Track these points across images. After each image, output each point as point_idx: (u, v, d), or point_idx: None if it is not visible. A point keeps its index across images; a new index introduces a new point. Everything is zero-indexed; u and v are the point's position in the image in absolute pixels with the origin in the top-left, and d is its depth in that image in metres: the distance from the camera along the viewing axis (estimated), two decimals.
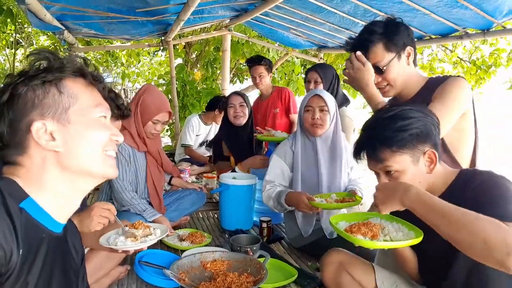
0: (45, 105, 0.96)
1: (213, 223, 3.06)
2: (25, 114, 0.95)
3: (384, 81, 1.79)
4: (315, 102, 2.39)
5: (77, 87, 1.01)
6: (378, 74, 1.78)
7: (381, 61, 1.75)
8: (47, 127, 0.96)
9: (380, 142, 1.36)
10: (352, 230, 1.39)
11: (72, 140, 0.98)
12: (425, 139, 1.35)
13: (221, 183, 2.83)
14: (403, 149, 1.34)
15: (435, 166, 1.36)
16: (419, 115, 1.36)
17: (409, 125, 1.34)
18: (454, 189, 1.35)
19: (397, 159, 1.35)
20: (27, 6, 2.61)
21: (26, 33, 9.20)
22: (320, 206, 2.15)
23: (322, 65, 3.42)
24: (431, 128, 1.36)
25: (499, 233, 1.05)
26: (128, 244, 1.52)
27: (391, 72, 1.76)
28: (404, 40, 1.75)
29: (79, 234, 1.24)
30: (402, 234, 1.37)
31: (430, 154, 1.35)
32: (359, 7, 3.18)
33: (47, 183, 0.98)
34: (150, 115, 2.56)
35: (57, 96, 0.97)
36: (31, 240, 0.93)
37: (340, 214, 1.63)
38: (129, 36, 4.91)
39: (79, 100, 1.00)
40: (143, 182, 2.68)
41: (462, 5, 2.67)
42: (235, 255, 2.07)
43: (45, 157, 0.97)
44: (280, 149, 2.55)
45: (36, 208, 0.97)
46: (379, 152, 1.36)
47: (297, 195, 2.26)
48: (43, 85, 0.96)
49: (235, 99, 3.32)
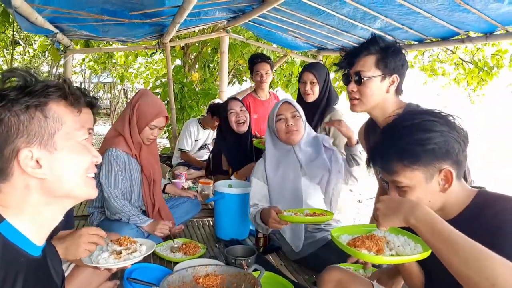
0: (31, 131, 0.92)
1: (208, 232, 2.99)
2: (9, 141, 0.90)
3: (357, 93, 1.78)
4: (286, 109, 2.36)
5: (61, 110, 0.97)
6: (355, 83, 1.78)
7: (365, 71, 1.74)
8: (34, 154, 0.92)
9: (393, 153, 1.24)
10: (356, 244, 1.30)
11: (57, 167, 0.95)
12: (443, 156, 1.20)
13: (216, 191, 2.77)
14: (415, 164, 1.21)
15: (450, 185, 1.22)
16: (442, 129, 1.21)
17: (428, 140, 1.20)
18: (468, 214, 1.23)
19: (408, 174, 1.22)
20: (16, 9, 2.54)
21: (24, 33, 9.15)
22: (289, 219, 2.09)
23: (316, 65, 3.34)
24: (454, 145, 1.21)
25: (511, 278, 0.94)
26: (110, 262, 1.45)
27: (369, 87, 1.75)
28: (395, 66, 1.74)
29: (58, 255, 1.20)
30: (410, 247, 1.28)
31: (446, 172, 1.21)
32: (358, 9, 3.11)
33: (26, 207, 0.95)
34: (147, 120, 2.53)
35: (43, 121, 0.93)
36: (9, 264, 0.90)
37: (341, 227, 1.55)
38: (125, 38, 4.84)
39: (64, 124, 0.96)
40: (138, 188, 2.64)
41: (465, 9, 2.60)
42: (229, 269, 2.00)
43: (28, 184, 0.93)
44: (256, 170, 2.49)
45: (13, 231, 0.94)
46: (389, 163, 1.25)
47: (267, 210, 2.21)
48: (27, 110, 0.91)
49: (235, 105, 3.23)
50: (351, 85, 1.79)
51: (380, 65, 1.73)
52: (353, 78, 1.79)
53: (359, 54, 1.76)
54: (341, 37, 4.10)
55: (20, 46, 9.75)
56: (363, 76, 1.74)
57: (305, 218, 2.12)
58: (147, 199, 2.67)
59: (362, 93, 1.76)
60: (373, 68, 1.74)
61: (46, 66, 11.77)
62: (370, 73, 1.73)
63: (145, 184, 2.66)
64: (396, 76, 1.76)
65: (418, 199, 1.22)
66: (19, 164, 0.91)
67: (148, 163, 2.66)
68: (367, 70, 1.74)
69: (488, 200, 1.21)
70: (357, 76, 1.75)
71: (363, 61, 1.75)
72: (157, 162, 2.81)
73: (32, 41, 9.73)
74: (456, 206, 1.26)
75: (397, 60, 1.75)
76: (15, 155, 0.91)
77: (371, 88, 1.74)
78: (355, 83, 1.77)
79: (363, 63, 1.75)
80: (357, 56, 1.77)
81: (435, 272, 1.35)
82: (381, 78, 1.74)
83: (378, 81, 1.74)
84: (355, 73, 1.77)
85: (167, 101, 5.84)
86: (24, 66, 10.15)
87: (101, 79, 15.85)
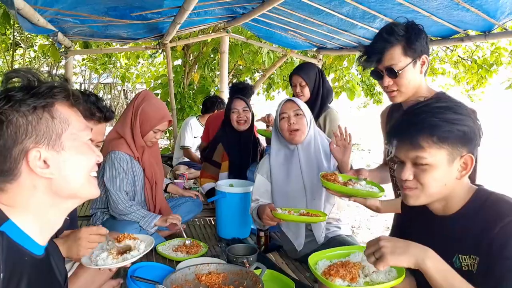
0: (39, 132, 0.93)
1: (210, 231, 3.00)
2: (18, 142, 0.92)
3: (394, 85, 1.73)
4: (289, 107, 2.36)
5: (66, 111, 0.99)
6: (390, 77, 1.71)
7: (396, 64, 1.68)
8: (42, 154, 0.93)
9: (425, 126, 1.21)
10: (331, 273, 1.31)
11: (64, 166, 0.97)
12: (468, 143, 1.21)
13: (218, 191, 2.78)
14: (444, 143, 1.20)
15: (468, 173, 1.24)
16: (470, 116, 1.24)
17: (460, 121, 1.20)
18: (467, 211, 1.25)
19: (434, 151, 1.20)
20: (19, 11, 2.55)
21: (25, 35, 9.16)
22: (282, 217, 2.12)
23: (303, 66, 3.28)
24: (476, 133, 1.23)
25: None
26: (109, 262, 1.47)
27: (405, 77, 1.69)
28: (422, 47, 1.69)
29: (61, 254, 1.22)
30: (384, 272, 1.28)
31: (467, 158, 1.22)
32: (357, 9, 3.12)
33: (31, 206, 0.96)
34: (151, 125, 2.53)
35: (50, 122, 0.95)
36: (13, 264, 0.90)
37: (322, 251, 1.55)
38: (126, 35, 4.84)
39: (70, 124, 0.98)
40: (141, 189, 2.65)
41: (463, 7, 2.62)
42: (231, 267, 2.02)
43: (36, 184, 0.95)
44: (261, 166, 2.51)
45: (17, 231, 0.95)
46: (419, 136, 1.21)
47: (263, 207, 2.24)
48: (35, 111, 0.93)
49: (238, 104, 3.27)
50: (386, 80, 1.72)
51: (409, 52, 1.68)
52: (385, 73, 1.72)
53: (383, 49, 1.69)
54: (340, 36, 4.11)
55: (21, 48, 9.75)
56: (396, 69, 1.68)
57: (298, 217, 2.15)
58: (149, 201, 2.68)
59: (399, 84, 1.71)
60: (402, 57, 1.67)
61: (46, 67, 11.78)
62: (401, 64, 1.67)
63: (147, 186, 2.66)
64: (426, 56, 1.71)
65: (435, 180, 1.22)
66: (28, 164, 0.92)
67: (150, 165, 2.67)
68: (398, 62, 1.67)
69: (486, 197, 1.23)
70: (390, 71, 1.69)
71: (390, 55, 1.68)
72: (159, 164, 2.82)
73: (33, 42, 9.73)
74: (459, 199, 1.27)
75: (422, 40, 1.69)
76: (23, 156, 0.92)
77: (407, 77, 1.69)
78: (390, 77, 1.71)
79: (390, 56, 1.68)
80: (382, 51, 1.70)
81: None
82: (413, 64, 1.69)
83: (411, 68, 1.69)
84: (386, 68, 1.70)
85: (167, 101, 5.86)
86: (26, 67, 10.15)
87: (101, 80, 15.85)
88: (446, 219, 1.28)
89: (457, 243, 1.24)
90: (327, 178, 1.99)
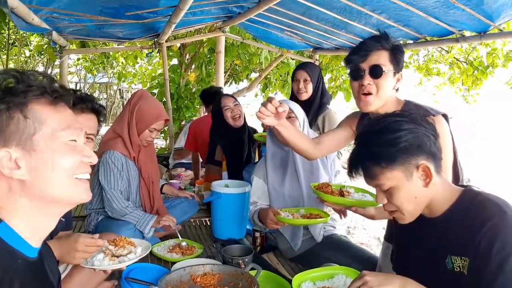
0: (9, 132, 0.90)
1: (205, 232, 2.99)
2: None
3: (373, 87, 1.71)
4: None
5: (43, 110, 0.94)
6: (372, 77, 1.70)
7: (384, 65, 1.69)
8: (12, 155, 0.90)
9: (369, 159, 1.28)
10: None
11: (38, 168, 0.92)
12: (417, 152, 1.24)
13: (213, 191, 2.77)
14: (392, 165, 1.24)
15: (431, 180, 1.26)
16: (410, 126, 1.25)
17: (398, 139, 1.24)
18: (455, 212, 1.26)
19: (388, 175, 1.25)
20: (12, 10, 2.53)
21: (20, 34, 9.11)
22: (286, 221, 2.13)
23: (309, 64, 3.40)
24: (424, 139, 1.25)
25: None
26: (105, 264, 1.46)
27: (386, 81, 1.71)
28: (402, 65, 1.73)
29: (54, 256, 1.20)
30: None
31: (424, 167, 1.25)
32: (352, 8, 3.12)
33: (18, 209, 0.94)
34: (147, 123, 2.53)
35: (22, 121, 0.91)
36: (6, 266, 0.89)
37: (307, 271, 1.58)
38: (122, 35, 4.82)
39: (45, 124, 0.94)
40: (136, 190, 2.64)
41: (459, 7, 2.62)
42: (226, 268, 2.01)
43: (11, 185, 0.92)
44: (258, 169, 2.52)
45: (10, 232, 0.93)
46: (368, 169, 1.28)
47: (265, 211, 2.24)
48: (8, 111, 0.90)
49: (228, 101, 3.26)
50: (367, 79, 1.70)
51: (393, 61, 1.70)
52: (368, 71, 1.70)
53: (372, 48, 1.70)
54: (336, 36, 4.11)
55: (16, 48, 9.70)
56: (382, 69, 1.68)
57: (302, 220, 2.15)
58: (145, 200, 2.67)
59: (379, 85, 1.70)
60: (388, 63, 1.69)
61: (41, 67, 11.72)
62: (386, 68, 1.69)
63: (143, 186, 2.66)
64: (401, 74, 1.75)
65: (404, 198, 1.26)
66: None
67: (146, 165, 2.66)
68: (384, 64, 1.69)
69: (473, 199, 1.25)
70: (374, 70, 1.69)
71: (377, 55, 1.70)
72: (155, 163, 2.81)
73: (28, 41, 9.68)
74: (443, 202, 1.28)
75: (403, 58, 1.74)
76: None
77: (388, 81, 1.70)
78: (372, 76, 1.70)
79: (377, 57, 1.69)
80: (371, 49, 1.70)
81: (407, 247, 1.40)
82: (393, 74, 1.71)
83: (391, 77, 1.71)
84: (371, 67, 1.69)
85: (163, 101, 5.84)
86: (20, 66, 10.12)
87: (97, 79, 15.79)
88: (435, 221, 1.30)
89: (447, 244, 1.26)
90: (322, 190, 2.00)
